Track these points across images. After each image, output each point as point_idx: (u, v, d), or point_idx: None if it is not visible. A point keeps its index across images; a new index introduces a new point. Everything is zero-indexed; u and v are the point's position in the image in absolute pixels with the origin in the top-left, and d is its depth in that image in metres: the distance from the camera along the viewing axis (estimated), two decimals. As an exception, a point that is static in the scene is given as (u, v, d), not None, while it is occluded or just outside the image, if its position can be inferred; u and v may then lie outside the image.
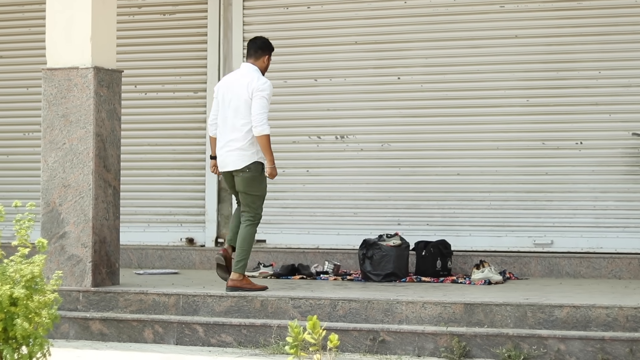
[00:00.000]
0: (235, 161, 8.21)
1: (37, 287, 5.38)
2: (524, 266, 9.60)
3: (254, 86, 8.13)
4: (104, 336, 8.01)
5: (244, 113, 8.17)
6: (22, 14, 11.25)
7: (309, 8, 10.48)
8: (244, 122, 8.17)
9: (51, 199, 8.40)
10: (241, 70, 8.38)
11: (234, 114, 8.22)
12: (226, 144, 8.25)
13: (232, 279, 8.16)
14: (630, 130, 9.60)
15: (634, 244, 9.48)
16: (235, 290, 8.09)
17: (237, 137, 8.19)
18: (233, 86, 8.28)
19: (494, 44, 9.95)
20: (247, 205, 8.28)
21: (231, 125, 8.23)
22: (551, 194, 9.79)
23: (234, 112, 8.22)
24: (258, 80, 8.18)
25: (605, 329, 7.09)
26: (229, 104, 8.26)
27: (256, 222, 8.33)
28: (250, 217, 8.29)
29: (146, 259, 10.61)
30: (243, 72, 8.32)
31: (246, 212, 8.30)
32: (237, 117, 8.20)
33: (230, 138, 8.23)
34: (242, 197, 8.30)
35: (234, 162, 8.22)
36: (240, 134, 8.18)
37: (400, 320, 7.50)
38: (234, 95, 8.23)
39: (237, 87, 8.23)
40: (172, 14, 10.89)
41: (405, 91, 10.17)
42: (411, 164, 10.14)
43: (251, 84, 8.16)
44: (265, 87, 8.15)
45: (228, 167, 8.28)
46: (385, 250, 9.15)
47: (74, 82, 8.41)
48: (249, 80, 8.19)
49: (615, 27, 9.64)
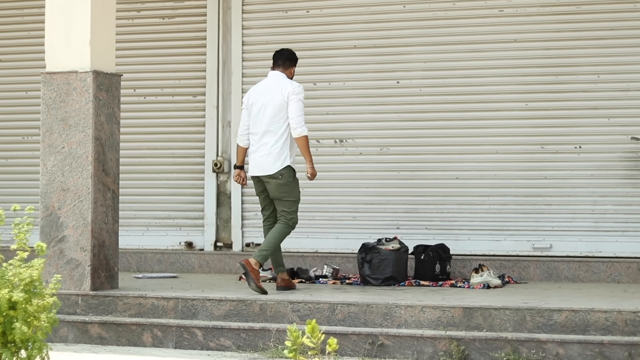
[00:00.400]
0: (270, 165, 8.48)
1: (36, 290, 5.38)
2: (523, 270, 9.60)
3: (289, 90, 8.47)
4: (102, 340, 8.00)
5: (278, 117, 8.48)
6: (21, 17, 11.26)
7: (308, 12, 10.49)
8: (277, 126, 8.48)
9: (50, 203, 8.40)
10: (273, 78, 8.66)
11: (269, 119, 8.50)
12: (259, 149, 8.53)
13: (248, 260, 8.23)
14: (629, 134, 9.61)
15: (632, 248, 9.48)
16: (245, 269, 8.15)
17: (271, 141, 8.48)
18: (266, 93, 8.57)
19: (493, 48, 9.95)
20: (282, 210, 8.55)
21: (265, 130, 8.51)
22: (550, 198, 9.79)
23: (269, 117, 8.50)
24: (292, 84, 8.54)
25: (604, 333, 7.09)
26: (262, 110, 8.53)
27: (291, 225, 8.55)
28: (286, 220, 8.54)
29: (145, 262, 10.61)
30: (276, 79, 8.62)
31: (283, 216, 8.54)
32: (272, 122, 8.49)
33: (263, 142, 8.51)
34: (278, 203, 8.56)
35: (268, 167, 8.48)
36: (274, 137, 8.47)
37: (399, 324, 7.50)
38: (268, 101, 8.52)
39: (271, 93, 8.53)
40: (171, 17, 10.89)
41: (404, 95, 10.18)
42: (410, 168, 10.14)
43: (286, 88, 8.49)
44: (300, 90, 8.51)
45: (261, 172, 8.52)
46: (384, 254, 9.15)
47: (73, 86, 8.41)
48: (282, 85, 8.52)
49: (614, 32, 9.65)
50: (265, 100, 8.53)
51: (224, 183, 10.63)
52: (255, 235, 10.52)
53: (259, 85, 8.75)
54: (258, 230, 10.51)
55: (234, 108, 10.55)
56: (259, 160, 8.52)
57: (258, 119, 8.56)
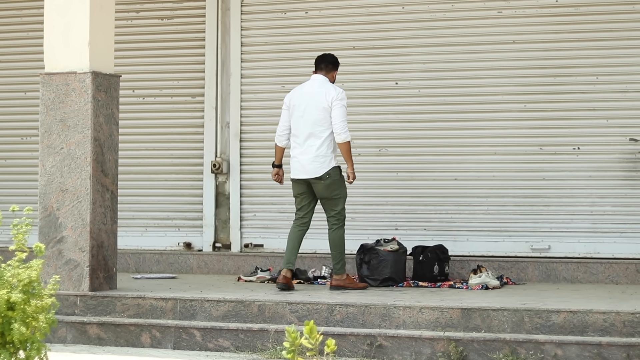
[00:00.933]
0: (317, 168, 8.70)
1: (34, 291, 5.38)
2: (521, 271, 9.61)
3: (333, 95, 8.67)
4: (101, 340, 8.01)
5: (322, 121, 8.69)
6: (20, 18, 11.26)
7: (307, 13, 10.49)
8: (322, 130, 8.69)
9: (49, 204, 8.40)
10: (316, 81, 8.85)
11: (313, 122, 8.71)
12: (304, 151, 8.73)
13: (335, 279, 8.72)
14: (627, 135, 9.61)
15: (631, 249, 9.49)
16: (339, 289, 8.64)
17: (316, 144, 8.69)
18: (309, 96, 8.76)
19: (491, 49, 9.96)
20: (331, 209, 8.79)
21: (309, 133, 8.72)
22: (548, 199, 9.80)
23: (313, 120, 8.70)
24: (335, 89, 8.74)
25: (602, 334, 7.09)
26: (306, 113, 8.74)
27: (342, 223, 8.83)
28: (336, 220, 8.79)
29: (144, 263, 10.61)
30: (319, 83, 8.82)
31: (331, 216, 8.80)
32: (316, 125, 8.70)
33: (308, 145, 8.72)
34: (326, 203, 8.80)
35: (316, 169, 8.70)
36: (319, 140, 8.69)
37: (398, 325, 7.51)
38: (312, 104, 8.71)
39: (314, 96, 8.73)
40: (170, 18, 10.90)
41: (403, 96, 10.19)
42: (409, 169, 10.14)
43: (329, 93, 8.68)
44: (343, 95, 8.73)
45: (308, 175, 8.73)
46: (382, 255, 9.15)
47: (71, 87, 8.41)
48: (326, 90, 8.72)
49: (613, 33, 9.65)
50: (308, 103, 8.73)
51: (223, 184, 10.63)
52: (253, 236, 10.53)
53: (301, 87, 8.91)
54: (257, 231, 10.53)
55: (233, 109, 10.56)
56: (305, 163, 8.72)
57: (301, 122, 8.75)
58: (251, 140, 10.60)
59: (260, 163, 10.53)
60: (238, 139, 10.57)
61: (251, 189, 10.60)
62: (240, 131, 10.58)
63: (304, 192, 8.83)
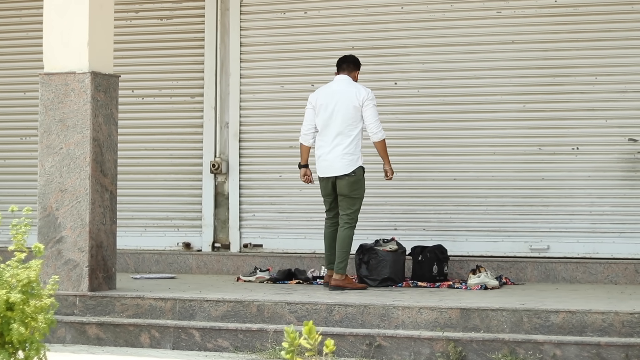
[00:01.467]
0: (344, 166, 8.77)
1: (33, 291, 5.37)
2: (520, 271, 9.61)
3: (364, 95, 8.78)
4: (100, 341, 8.01)
5: (352, 119, 8.77)
6: (19, 18, 11.26)
7: (306, 13, 10.49)
8: (351, 128, 8.79)
9: (48, 204, 8.40)
10: (342, 82, 8.93)
11: (342, 121, 8.78)
12: (332, 150, 8.80)
13: (335, 279, 8.72)
14: (626, 135, 9.62)
15: (630, 249, 9.49)
16: (338, 289, 8.65)
17: (345, 143, 8.77)
18: (336, 95, 8.83)
19: (490, 49, 9.96)
20: (348, 207, 8.81)
21: (337, 132, 8.79)
22: (547, 199, 9.80)
23: (342, 120, 8.78)
24: (365, 89, 8.84)
25: (601, 335, 7.10)
26: (335, 112, 8.81)
27: (354, 224, 8.85)
28: (349, 219, 8.81)
29: (143, 263, 10.61)
30: (346, 82, 8.91)
31: (345, 214, 8.81)
32: (345, 124, 8.78)
33: (336, 143, 8.79)
34: (344, 200, 8.83)
35: (343, 168, 8.78)
36: (348, 139, 8.77)
37: (397, 325, 7.51)
38: (342, 103, 8.79)
39: (345, 95, 8.80)
40: (169, 18, 10.90)
41: (402, 96, 10.19)
42: (408, 169, 10.14)
43: (360, 93, 8.79)
44: (373, 95, 8.84)
45: (335, 172, 8.81)
46: (381, 255, 9.15)
47: (71, 87, 8.41)
48: (355, 90, 8.81)
49: (612, 33, 9.66)
50: (338, 102, 8.79)
51: (222, 184, 10.63)
52: (253, 236, 10.53)
53: (328, 86, 8.99)
54: (256, 231, 10.53)
55: (232, 109, 10.56)
56: (333, 161, 8.80)
57: (330, 122, 8.81)
58: (250, 141, 10.60)
59: (260, 163, 10.54)
60: (237, 139, 10.58)
61: (250, 189, 10.60)
62: (240, 131, 10.59)
63: (330, 193, 8.92)
